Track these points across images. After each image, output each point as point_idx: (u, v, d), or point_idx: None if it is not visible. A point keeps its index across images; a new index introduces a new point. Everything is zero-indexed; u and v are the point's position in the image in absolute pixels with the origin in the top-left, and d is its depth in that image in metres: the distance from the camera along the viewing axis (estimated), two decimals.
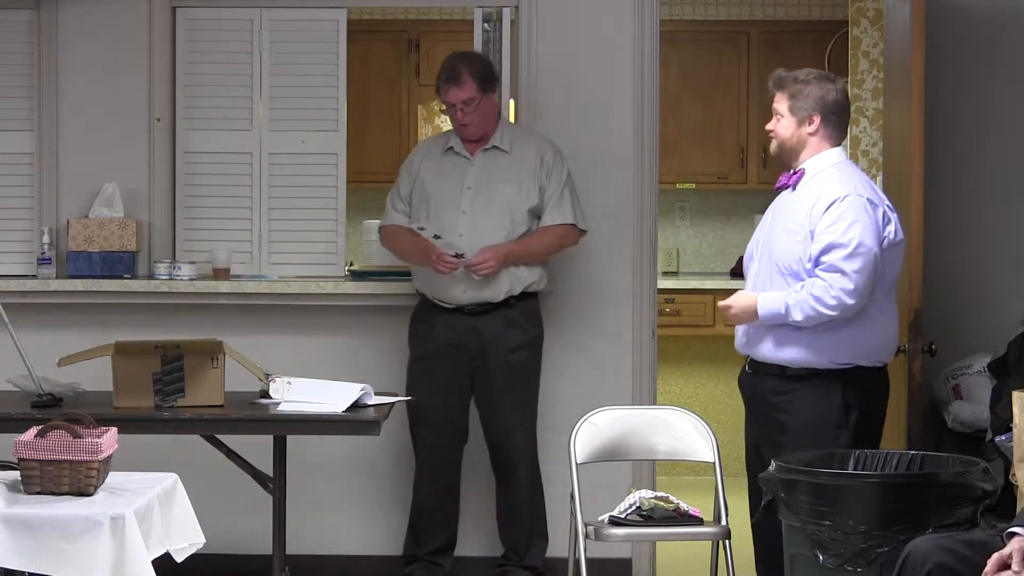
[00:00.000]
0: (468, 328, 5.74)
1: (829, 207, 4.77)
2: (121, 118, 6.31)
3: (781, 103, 4.94)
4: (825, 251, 4.75)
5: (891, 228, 4.84)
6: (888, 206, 4.86)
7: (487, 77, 5.76)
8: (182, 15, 6.35)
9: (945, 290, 5.92)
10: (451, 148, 5.83)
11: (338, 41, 6.35)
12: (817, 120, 4.89)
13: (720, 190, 9.02)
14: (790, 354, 4.85)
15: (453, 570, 5.96)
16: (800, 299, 4.76)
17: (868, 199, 4.79)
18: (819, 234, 4.77)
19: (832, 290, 4.72)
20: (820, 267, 4.76)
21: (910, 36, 5.51)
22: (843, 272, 4.72)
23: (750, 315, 4.87)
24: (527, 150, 5.81)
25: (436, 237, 5.68)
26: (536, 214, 5.79)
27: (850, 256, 4.73)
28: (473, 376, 5.80)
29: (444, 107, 5.83)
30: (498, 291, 5.73)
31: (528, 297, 5.82)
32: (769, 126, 5.00)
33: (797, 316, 4.77)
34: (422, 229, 5.72)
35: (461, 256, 5.63)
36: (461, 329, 5.74)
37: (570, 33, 6.24)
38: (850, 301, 4.72)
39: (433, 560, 5.88)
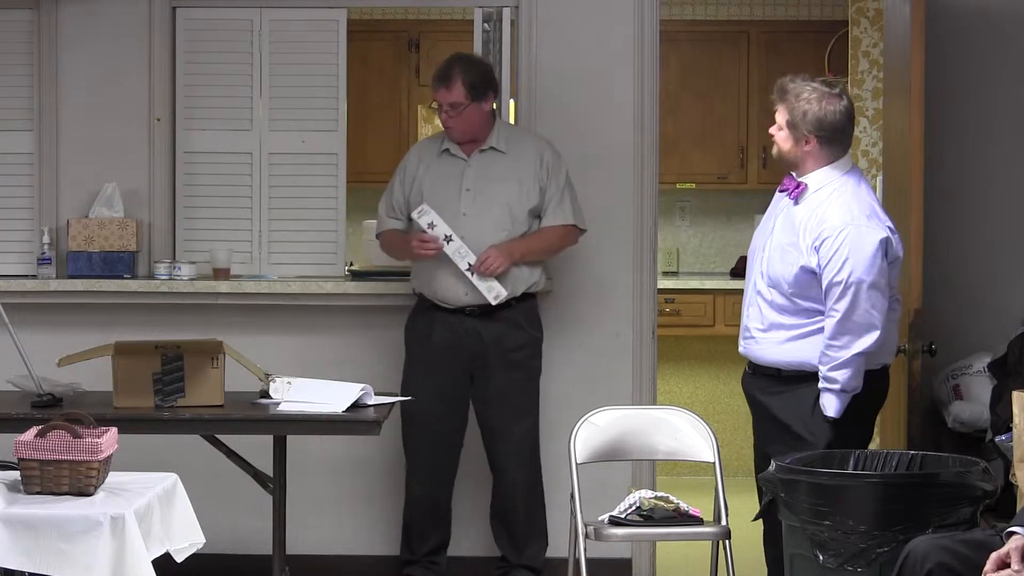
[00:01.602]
0: (468, 329, 5.73)
1: (825, 240, 4.74)
2: (121, 118, 6.31)
3: (780, 115, 4.90)
4: (828, 292, 4.74)
5: (892, 248, 4.82)
6: (889, 227, 4.83)
7: (480, 85, 5.70)
8: (182, 15, 6.35)
9: (945, 290, 5.91)
10: (447, 150, 5.81)
11: (338, 41, 6.35)
12: (813, 141, 4.85)
13: (720, 190, 9.03)
14: (788, 356, 4.85)
15: (451, 569, 5.96)
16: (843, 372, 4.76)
17: (866, 228, 4.75)
18: (822, 271, 4.75)
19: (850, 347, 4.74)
20: (829, 337, 4.75)
21: (910, 36, 5.51)
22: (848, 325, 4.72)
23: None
24: (525, 150, 5.79)
25: (431, 226, 5.63)
26: (535, 214, 5.78)
27: (852, 297, 4.70)
28: (472, 377, 5.79)
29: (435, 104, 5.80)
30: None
31: (528, 298, 5.81)
32: (771, 130, 4.97)
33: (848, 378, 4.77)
34: (422, 214, 5.65)
35: (449, 239, 5.60)
36: (461, 330, 5.73)
37: (570, 33, 6.24)
38: (871, 341, 4.73)
39: (431, 560, 5.88)
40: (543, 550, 5.88)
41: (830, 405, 4.77)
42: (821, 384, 4.77)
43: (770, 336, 4.88)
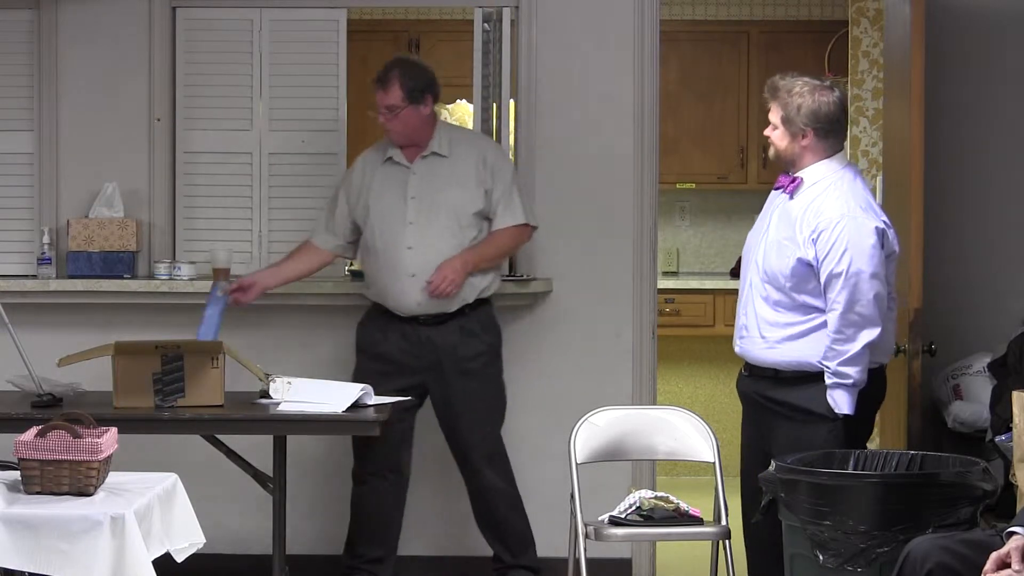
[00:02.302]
0: (422, 338, 5.65)
1: (823, 232, 4.74)
2: (121, 118, 6.31)
3: (774, 114, 4.90)
4: (828, 285, 4.74)
5: (888, 241, 4.81)
6: (885, 221, 4.83)
7: (418, 88, 5.61)
8: (182, 15, 6.35)
9: (945, 290, 5.92)
10: (390, 158, 5.73)
11: (338, 41, 6.35)
12: (810, 134, 4.84)
13: (720, 190, 9.03)
14: (786, 356, 4.85)
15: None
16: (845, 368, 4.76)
17: (862, 219, 4.75)
18: (820, 264, 4.75)
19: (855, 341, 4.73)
20: (834, 331, 4.74)
21: (910, 36, 5.51)
22: (848, 323, 4.72)
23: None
24: (467, 152, 5.70)
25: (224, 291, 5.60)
26: (483, 216, 5.68)
27: (853, 288, 4.70)
28: (428, 387, 5.71)
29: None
30: (452, 301, 5.62)
31: (482, 304, 5.72)
32: (766, 132, 4.96)
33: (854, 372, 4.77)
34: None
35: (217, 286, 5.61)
36: (415, 339, 5.65)
37: (570, 33, 6.24)
38: (876, 332, 4.73)
39: (371, 570, 5.78)
40: (533, 548, 5.86)
41: (842, 401, 4.76)
42: (830, 380, 4.75)
43: (768, 334, 4.87)
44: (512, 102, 6.36)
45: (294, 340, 6.20)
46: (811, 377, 4.80)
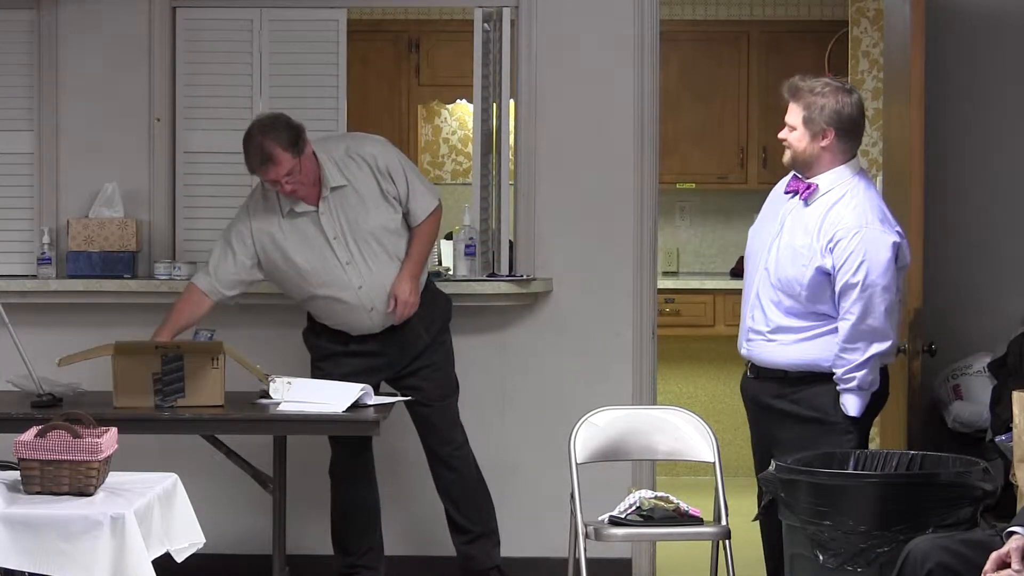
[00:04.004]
0: (386, 336, 5.59)
1: (840, 241, 4.73)
2: (121, 118, 6.31)
3: (795, 115, 4.85)
4: (843, 294, 4.74)
5: (902, 253, 4.81)
6: (899, 232, 4.83)
7: (295, 140, 5.37)
8: (182, 15, 6.35)
9: (945, 290, 5.92)
10: (292, 210, 5.51)
11: (338, 41, 6.35)
12: (831, 135, 4.81)
13: (720, 190, 9.03)
14: (795, 357, 4.84)
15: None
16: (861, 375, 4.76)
17: (880, 232, 4.74)
18: (836, 273, 4.74)
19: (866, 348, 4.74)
20: (844, 340, 4.75)
21: (910, 36, 5.51)
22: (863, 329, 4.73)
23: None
24: (359, 170, 5.54)
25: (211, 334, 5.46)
26: (402, 216, 5.60)
27: (867, 300, 4.70)
28: (395, 370, 5.65)
29: (266, 183, 5.44)
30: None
31: (425, 287, 5.65)
32: (782, 135, 4.92)
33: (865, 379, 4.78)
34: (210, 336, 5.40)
35: (199, 332, 5.45)
36: (378, 340, 5.59)
37: (570, 33, 6.24)
38: (886, 344, 4.75)
39: (368, 564, 5.80)
40: (497, 546, 5.87)
41: (852, 404, 4.77)
42: (840, 385, 4.77)
43: (777, 338, 4.86)
44: (512, 102, 6.36)
45: (294, 340, 6.20)
46: (819, 377, 4.81)
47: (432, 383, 5.70)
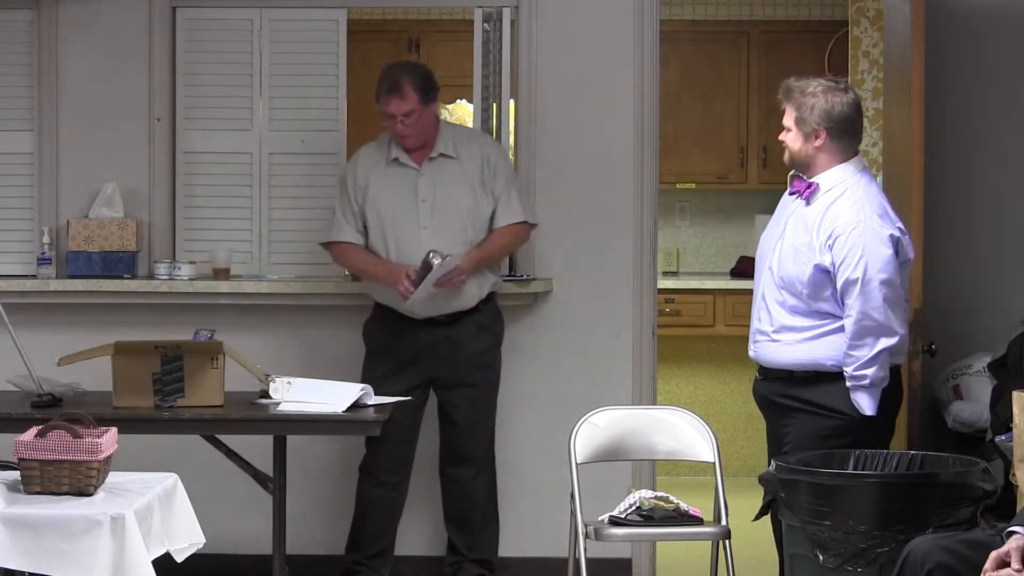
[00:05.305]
0: (437, 337, 5.70)
1: (839, 237, 4.73)
2: (121, 118, 6.31)
3: (788, 116, 4.88)
4: (845, 291, 4.74)
5: (903, 248, 4.81)
6: (900, 228, 4.83)
7: (428, 88, 5.65)
8: (182, 15, 6.35)
9: (945, 290, 5.91)
10: (396, 159, 5.73)
11: (338, 41, 6.35)
12: (823, 135, 4.83)
13: (720, 190, 9.03)
14: (800, 357, 4.84)
15: (399, 570, 5.96)
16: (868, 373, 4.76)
17: (878, 226, 4.75)
18: (837, 270, 4.75)
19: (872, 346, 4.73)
20: (851, 337, 4.74)
21: (910, 36, 5.51)
22: (865, 328, 4.72)
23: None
24: (471, 152, 5.74)
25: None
26: (491, 215, 5.75)
27: (867, 295, 4.70)
28: (438, 377, 5.76)
29: (384, 117, 5.68)
30: (469, 299, 5.69)
31: (491, 298, 5.82)
32: (780, 137, 4.95)
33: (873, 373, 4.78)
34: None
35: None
36: (429, 339, 5.69)
37: (570, 33, 6.24)
38: (893, 339, 4.74)
39: (371, 565, 5.83)
40: (496, 540, 5.92)
41: (864, 403, 4.77)
42: (850, 384, 4.77)
43: (781, 338, 4.86)
44: (512, 102, 6.36)
45: (294, 340, 6.20)
46: (824, 377, 4.81)
47: (469, 404, 5.78)
